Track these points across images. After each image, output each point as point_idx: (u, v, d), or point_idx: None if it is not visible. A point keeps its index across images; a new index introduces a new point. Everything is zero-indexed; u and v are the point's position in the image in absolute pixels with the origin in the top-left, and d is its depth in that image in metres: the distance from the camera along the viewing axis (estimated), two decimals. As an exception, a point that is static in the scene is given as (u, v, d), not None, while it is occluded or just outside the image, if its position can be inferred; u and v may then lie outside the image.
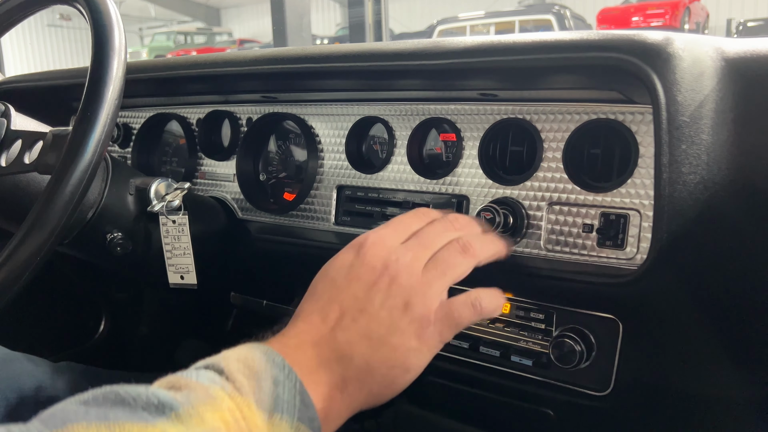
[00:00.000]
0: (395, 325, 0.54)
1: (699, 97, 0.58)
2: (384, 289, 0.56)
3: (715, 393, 0.70)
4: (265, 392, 0.47)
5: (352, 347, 0.53)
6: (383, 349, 0.54)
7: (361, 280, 0.56)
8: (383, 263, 0.57)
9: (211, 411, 0.43)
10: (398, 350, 0.54)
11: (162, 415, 0.41)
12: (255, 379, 0.47)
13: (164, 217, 0.89)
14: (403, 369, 0.55)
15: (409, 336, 0.55)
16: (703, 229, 0.59)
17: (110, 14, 0.68)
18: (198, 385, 0.45)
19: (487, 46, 0.65)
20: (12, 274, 0.59)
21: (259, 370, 0.48)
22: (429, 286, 0.57)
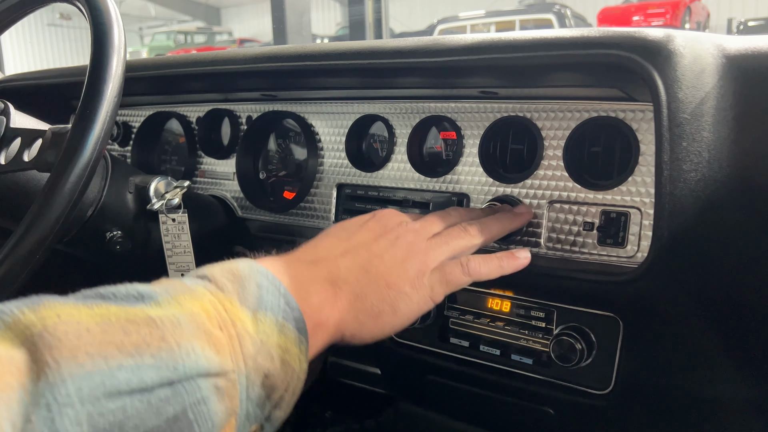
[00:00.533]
0: (393, 269, 0.59)
1: (700, 95, 0.58)
2: (391, 240, 0.61)
3: (715, 392, 0.70)
4: (249, 292, 0.47)
5: (350, 273, 0.57)
6: (378, 283, 0.57)
7: (372, 231, 0.62)
8: (395, 223, 0.63)
9: (190, 299, 0.43)
10: (391, 289, 0.58)
11: (141, 302, 0.41)
12: (238, 283, 0.48)
13: (164, 215, 0.89)
14: (391, 308, 0.58)
15: (404, 281, 0.59)
16: (704, 226, 0.59)
17: (110, 12, 0.68)
18: (179, 282, 0.46)
19: (488, 44, 0.64)
20: (11, 272, 0.59)
21: (242, 275, 0.48)
22: (430, 248, 0.62)
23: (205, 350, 0.41)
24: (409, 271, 0.59)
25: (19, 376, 0.32)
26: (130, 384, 0.36)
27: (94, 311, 0.38)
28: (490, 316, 0.80)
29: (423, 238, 0.62)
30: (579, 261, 0.71)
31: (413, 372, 0.89)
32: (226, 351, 0.42)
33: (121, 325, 0.38)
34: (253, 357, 0.44)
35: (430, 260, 0.61)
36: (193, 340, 0.40)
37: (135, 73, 0.94)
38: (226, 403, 0.41)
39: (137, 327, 0.38)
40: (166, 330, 0.40)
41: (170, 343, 0.39)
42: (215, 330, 0.43)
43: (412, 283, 0.59)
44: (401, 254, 0.60)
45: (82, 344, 0.35)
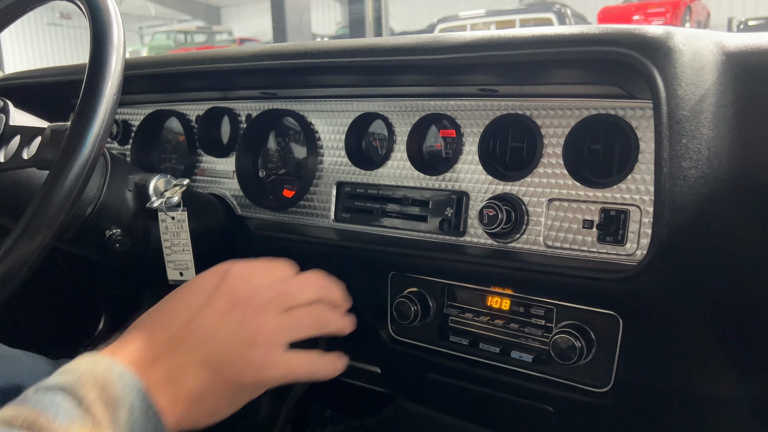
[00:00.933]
0: (237, 359, 0.56)
1: (699, 92, 0.58)
2: (237, 321, 0.57)
3: (714, 390, 0.70)
4: (121, 423, 0.47)
5: (188, 373, 0.54)
6: (218, 379, 0.55)
7: (216, 308, 0.58)
8: (244, 296, 0.58)
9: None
10: (232, 384, 0.56)
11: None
12: (111, 409, 0.47)
13: (163, 213, 0.89)
14: (230, 402, 0.57)
15: (247, 373, 0.56)
16: (704, 224, 0.59)
17: (109, 10, 0.67)
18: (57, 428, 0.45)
19: (487, 41, 0.64)
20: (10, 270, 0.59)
21: (116, 396, 0.48)
22: (278, 332, 0.59)
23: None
24: (252, 361, 0.57)
25: None
26: None
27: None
28: (490, 314, 0.80)
29: (272, 315, 0.59)
30: (578, 259, 0.71)
31: (413, 370, 0.89)
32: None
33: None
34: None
35: (277, 345, 0.58)
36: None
37: (134, 71, 0.94)
38: None
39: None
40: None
41: None
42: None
43: (255, 374, 0.57)
44: (247, 339, 0.57)
45: None
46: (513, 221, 0.74)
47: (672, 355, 0.69)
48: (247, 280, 0.60)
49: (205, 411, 0.56)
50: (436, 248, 0.80)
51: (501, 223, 0.74)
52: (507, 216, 0.74)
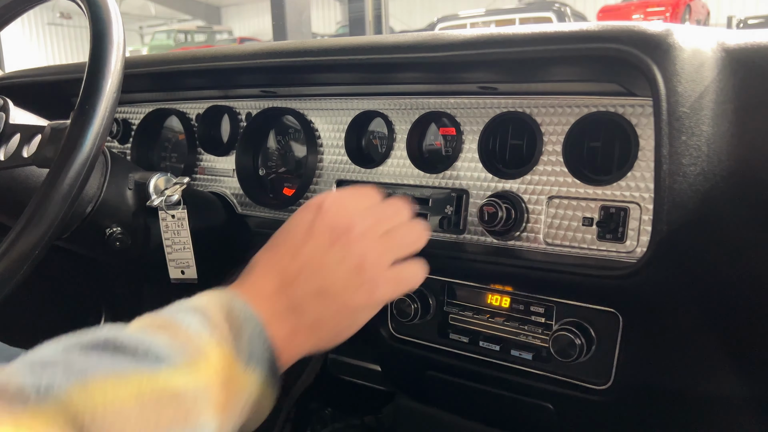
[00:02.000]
0: (348, 284, 0.59)
1: (699, 88, 0.58)
2: (341, 249, 0.59)
3: (714, 388, 0.70)
4: (243, 344, 0.52)
5: (305, 301, 0.58)
6: (334, 305, 0.58)
7: (319, 239, 0.60)
8: (343, 225, 0.60)
9: (204, 364, 0.48)
10: (348, 307, 0.59)
11: (161, 364, 0.45)
12: (235, 331, 0.52)
13: (163, 211, 0.89)
14: (349, 323, 0.60)
15: (360, 295, 0.59)
16: (704, 221, 0.59)
17: (109, 8, 0.67)
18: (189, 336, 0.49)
19: (487, 38, 0.64)
20: (10, 268, 0.59)
21: (239, 321, 0.52)
22: (384, 253, 0.61)
23: (214, 419, 0.47)
24: (364, 283, 0.59)
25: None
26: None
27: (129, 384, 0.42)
28: (490, 311, 0.80)
29: (373, 239, 0.61)
30: (578, 256, 0.71)
31: (413, 368, 0.89)
32: (225, 414, 0.49)
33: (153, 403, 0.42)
34: (242, 409, 0.51)
35: (383, 265, 0.61)
36: (207, 411, 0.46)
37: (134, 69, 0.94)
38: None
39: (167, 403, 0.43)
40: (188, 407, 0.45)
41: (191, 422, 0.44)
42: (221, 395, 0.48)
43: (369, 294, 0.60)
44: (354, 264, 0.59)
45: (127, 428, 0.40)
46: (513, 219, 0.74)
47: (671, 353, 0.69)
48: (343, 209, 0.62)
49: (327, 335, 0.59)
50: (436, 246, 0.80)
51: (501, 220, 0.74)
52: (507, 214, 0.74)
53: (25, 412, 0.36)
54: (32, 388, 0.38)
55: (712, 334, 0.67)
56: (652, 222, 0.59)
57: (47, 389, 0.38)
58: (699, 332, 0.67)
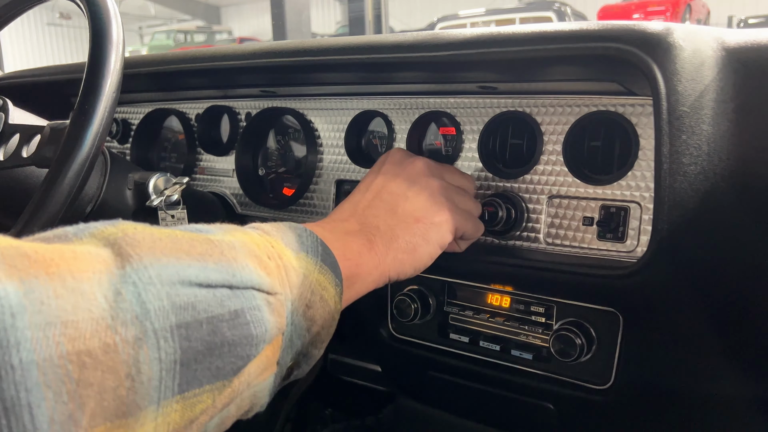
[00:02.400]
0: (418, 203, 0.64)
1: (699, 87, 0.57)
2: (409, 176, 0.66)
3: (715, 387, 0.70)
4: (291, 238, 0.52)
5: (378, 219, 0.62)
6: (407, 221, 0.62)
7: (388, 173, 0.66)
8: (408, 160, 0.68)
9: (242, 234, 0.48)
10: (421, 222, 0.63)
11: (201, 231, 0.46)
12: (281, 230, 0.52)
13: (163, 212, 0.89)
14: (424, 239, 0.63)
15: (430, 212, 0.64)
16: (704, 220, 0.59)
17: (108, 8, 0.67)
18: (230, 225, 0.50)
19: (487, 38, 0.64)
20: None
21: (284, 228, 0.53)
22: (448, 185, 0.68)
23: (258, 270, 0.45)
24: (436, 204, 0.64)
25: (107, 264, 0.37)
26: (199, 278, 0.40)
27: (162, 230, 0.43)
28: (490, 311, 0.80)
29: (438, 174, 0.68)
30: (579, 256, 0.71)
31: (413, 368, 0.89)
32: (274, 275, 0.47)
33: (186, 240, 0.43)
34: (298, 286, 0.49)
35: (449, 196, 0.66)
36: (246, 260, 0.45)
37: (134, 69, 0.94)
38: (276, 318, 0.45)
39: (200, 243, 0.43)
40: (224, 248, 0.44)
41: (228, 258, 0.44)
42: (264, 257, 0.47)
43: (441, 214, 0.64)
44: (427, 190, 0.65)
45: (157, 247, 0.40)
46: (513, 218, 0.74)
47: (672, 352, 0.69)
48: (407, 151, 0.71)
49: (404, 250, 0.61)
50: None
51: (501, 220, 0.74)
52: (507, 213, 0.74)
53: (63, 242, 0.38)
54: (71, 231, 0.40)
55: (712, 333, 0.67)
56: (652, 221, 0.59)
57: (83, 229, 0.40)
58: (699, 332, 0.67)
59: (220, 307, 0.41)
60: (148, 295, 0.37)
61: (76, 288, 0.34)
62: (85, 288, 0.34)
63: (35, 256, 0.33)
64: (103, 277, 0.36)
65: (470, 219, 0.69)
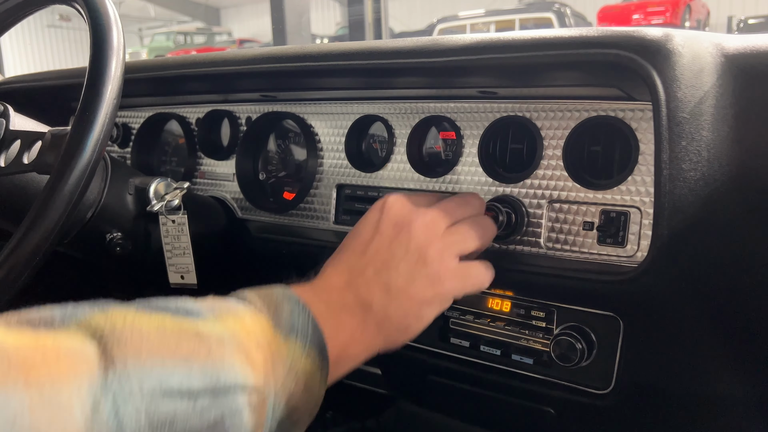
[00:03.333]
0: (413, 278, 0.60)
1: (699, 94, 0.58)
2: (404, 243, 0.61)
3: (716, 392, 0.70)
4: (282, 317, 0.51)
5: (373, 296, 0.59)
6: (400, 299, 0.59)
7: (384, 235, 0.62)
8: (405, 220, 0.62)
9: (233, 319, 0.48)
10: (414, 300, 0.60)
11: (190, 316, 0.45)
12: (273, 307, 0.52)
13: (164, 216, 0.89)
14: (416, 318, 0.60)
15: (425, 288, 0.60)
16: (704, 226, 0.59)
17: (108, 14, 0.68)
18: (222, 302, 0.50)
19: (487, 44, 0.64)
20: (11, 274, 0.59)
21: (277, 301, 0.53)
22: (447, 247, 0.62)
23: (244, 367, 0.45)
24: (428, 276, 0.60)
25: (90, 367, 0.36)
26: (181, 387, 0.40)
27: (152, 318, 0.42)
28: (491, 316, 0.80)
29: (436, 233, 0.62)
30: (579, 261, 0.71)
31: (414, 372, 0.89)
32: (260, 370, 0.46)
33: (175, 335, 0.42)
34: (282, 378, 0.49)
35: (448, 260, 0.62)
36: (234, 356, 0.44)
37: (134, 74, 0.94)
38: (256, 418, 0.45)
39: (188, 338, 0.43)
40: (212, 345, 0.44)
41: (215, 358, 0.43)
42: (252, 350, 0.46)
43: (434, 288, 0.61)
44: (417, 258, 0.61)
45: (144, 346, 0.39)
46: (513, 223, 0.74)
47: (673, 356, 0.69)
48: (406, 204, 0.64)
49: (395, 331, 0.60)
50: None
51: (501, 225, 0.74)
52: (507, 218, 0.74)
53: (48, 331, 0.37)
54: (58, 315, 0.39)
55: (713, 337, 0.67)
56: (652, 226, 0.59)
57: (71, 315, 0.39)
58: (700, 336, 0.67)
59: (200, 419, 0.40)
60: (127, 409, 0.36)
61: (53, 399, 0.33)
62: (63, 399, 0.33)
63: (17, 360, 0.33)
64: (84, 384, 0.35)
65: (468, 279, 0.64)
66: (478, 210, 0.69)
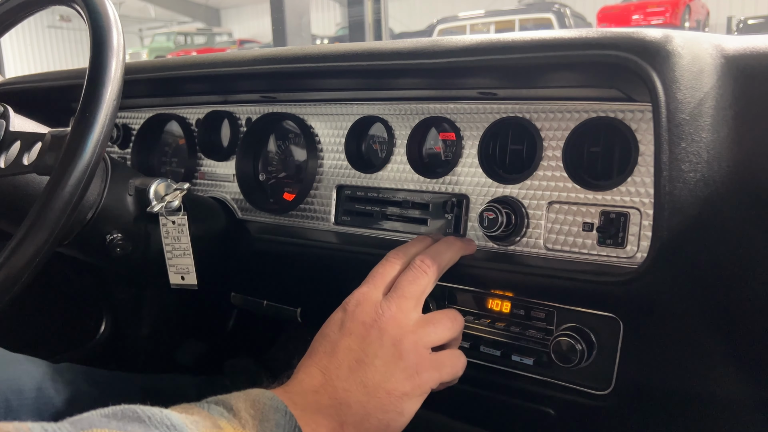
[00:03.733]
0: (390, 372, 0.59)
1: (699, 95, 0.58)
2: (376, 340, 0.60)
3: (716, 392, 0.70)
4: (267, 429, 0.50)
5: (350, 395, 0.57)
6: (378, 395, 0.58)
7: (353, 335, 0.61)
8: (372, 318, 0.61)
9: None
10: (392, 395, 0.59)
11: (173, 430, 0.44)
12: (259, 419, 0.51)
13: (164, 217, 0.89)
14: (397, 413, 0.59)
15: (403, 382, 0.59)
16: (704, 226, 0.59)
17: (108, 15, 0.68)
18: (207, 416, 0.49)
19: (486, 45, 0.64)
20: (11, 275, 0.59)
21: (263, 411, 0.51)
22: (420, 338, 0.62)
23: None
24: (405, 370, 0.60)
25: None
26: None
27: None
28: (491, 316, 0.80)
29: (405, 324, 0.62)
30: (579, 261, 0.71)
31: (414, 373, 0.89)
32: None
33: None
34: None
35: (422, 349, 0.62)
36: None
37: (134, 75, 0.94)
38: None
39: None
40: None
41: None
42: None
43: (411, 381, 0.60)
44: (392, 352, 0.60)
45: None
46: (513, 224, 0.74)
47: (672, 357, 0.69)
48: (368, 303, 0.63)
49: (376, 428, 0.58)
50: (437, 251, 0.80)
51: (501, 226, 0.74)
52: (507, 219, 0.74)
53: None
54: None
55: (712, 338, 0.67)
56: (652, 228, 0.59)
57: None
58: (700, 336, 0.67)
59: None
60: None
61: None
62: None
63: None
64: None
65: (444, 368, 0.64)
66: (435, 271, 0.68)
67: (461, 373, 0.66)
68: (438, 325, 0.65)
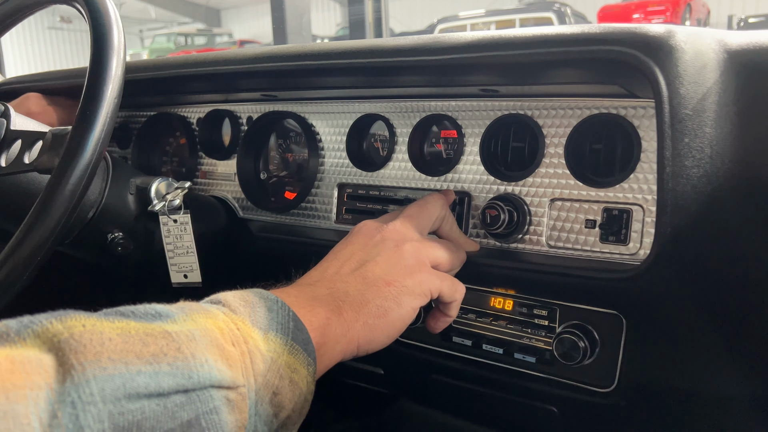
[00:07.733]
0: (391, 266, 0.61)
1: (701, 90, 0.57)
2: (379, 242, 0.63)
3: (718, 389, 0.69)
4: (260, 315, 0.49)
5: (348, 285, 0.59)
6: (377, 284, 0.59)
7: (357, 243, 0.64)
8: (377, 228, 0.65)
9: (204, 317, 0.46)
10: (392, 285, 0.60)
11: (158, 319, 0.44)
12: (250, 307, 0.50)
13: (165, 216, 0.89)
14: (396, 302, 0.59)
15: (403, 275, 0.61)
16: (707, 223, 0.59)
17: (109, 14, 0.68)
18: (195, 303, 0.49)
19: (488, 41, 0.64)
20: (12, 274, 0.59)
21: (253, 301, 0.51)
22: (422, 247, 0.64)
23: (218, 363, 0.43)
24: (405, 268, 0.61)
25: (46, 377, 0.34)
26: (148, 388, 0.38)
27: (115, 324, 0.40)
28: (493, 314, 0.80)
29: (410, 237, 0.65)
30: (581, 259, 0.71)
31: (416, 371, 0.89)
32: (237, 366, 0.44)
33: (140, 337, 0.40)
34: (263, 374, 0.46)
35: (422, 259, 0.63)
36: (206, 353, 0.42)
37: (135, 74, 0.94)
38: (236, 416, 0.43)
39: (155, 339, 0.41)
40: (181, 342, 0.42)
41: (185, 354, 0.41)
42: (228, 345, 0.45)
43: (411, 276, 0.61)
44: (393, 252, 0.62)
45: (105, 351, 0.38)
46: (515, 221, 0.74)
47: (676, 354, 0.69)
48: (373, 222, 0.67)
49: (374, 314, 0.58)
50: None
51: (503, 223, 0.73)
52: (509, 216, 0.74)
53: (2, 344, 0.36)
54: (14, 327, 0.37)
55: (716, 335, 0.67)
56: (655, 224, 0.59)
57: (27, 326, 0.37)
58: (703, 333, 0.67)
59: (172, 419, 0.38)
60: (87, 416, 0.34)
61: (8, 411, 0.32)
62: (19, 410, 0.32)
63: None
64: (41, 395, 0.33)
65: (445, 279, 0.65)
66: (439, 209, 0.71)
67: (460, 297, 0.67)
68: (440, 247, 0.67)
